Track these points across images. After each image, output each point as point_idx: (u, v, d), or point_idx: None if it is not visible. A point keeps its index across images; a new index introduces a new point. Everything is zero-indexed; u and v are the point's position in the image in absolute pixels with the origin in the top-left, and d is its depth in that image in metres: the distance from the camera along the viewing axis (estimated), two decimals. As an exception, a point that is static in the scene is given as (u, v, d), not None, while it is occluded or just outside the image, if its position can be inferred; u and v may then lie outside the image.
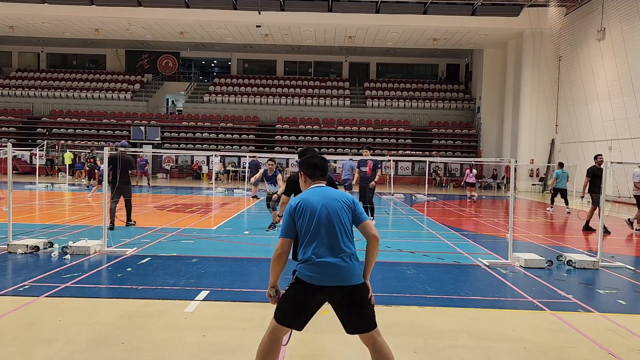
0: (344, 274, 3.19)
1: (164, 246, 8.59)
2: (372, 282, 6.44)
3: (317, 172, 3.48)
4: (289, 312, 3.22)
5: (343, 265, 3.19)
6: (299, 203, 3.28)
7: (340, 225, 3.27)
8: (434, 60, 40.15)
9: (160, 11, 28.81)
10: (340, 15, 28.63)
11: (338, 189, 5.41)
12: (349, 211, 3.34)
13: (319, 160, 3.52)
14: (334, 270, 3.17)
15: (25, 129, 35.34)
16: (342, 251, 3.22)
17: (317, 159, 3.53)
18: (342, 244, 3.24)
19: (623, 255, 9.03)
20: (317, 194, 3.34)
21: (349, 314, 3.26)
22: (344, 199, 3.36)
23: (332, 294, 3.20)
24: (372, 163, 11.59)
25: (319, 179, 3.48)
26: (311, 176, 3.49)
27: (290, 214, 3.28)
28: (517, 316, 5.36)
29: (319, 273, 3.15)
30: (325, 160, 3.57)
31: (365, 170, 11.68)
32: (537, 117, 28.72)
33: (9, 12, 28.71)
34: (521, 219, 14.77)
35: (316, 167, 3.49)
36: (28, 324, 4.62)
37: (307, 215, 3.24)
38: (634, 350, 4.39)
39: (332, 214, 3.26)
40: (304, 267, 3.20)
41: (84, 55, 41.36)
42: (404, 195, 22.59)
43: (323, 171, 3.50)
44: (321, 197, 3.31)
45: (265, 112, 37.45)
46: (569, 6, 26.63)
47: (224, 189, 22.33)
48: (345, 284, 3.18)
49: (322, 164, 3.51)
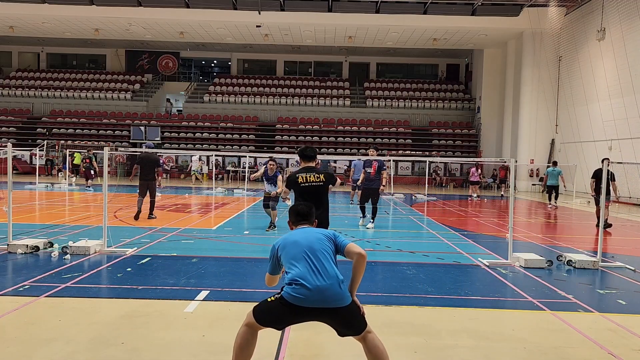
0: (331, 297, 3.28)
1: (164, 246, 8.59)
2: (372, 282, 6.50)
3: (299, 219, 3.75)
4: (269, 320, 3.39)
5: (330, 289, 3.28)
6: (281, 243, 3.52)
7: (324, 251, 3.43)
8: (434, 60, 40.15)
9: (160, 11, 28.81)
10: (340, 15, 28.62)
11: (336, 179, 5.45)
12: (330, 242, 3.52)
13: (302, 208, 3.78)
14: (317, 293, 3.25)
15: (25, 129, 35.34)
16: (324, 276, 3.31)
17: (301, 206, 3.80)
18: (328, 268, 3.35)
19: (623, 255, 9.03)
20: (299, 231, 3.61)
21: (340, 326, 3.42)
22: (324, 233, 3.57)
23: (318, 315, 3.32)
24: (377, 164, 11.54)
25: (302, 223, 3.74)
26: (294, 222, 3.77)
27: (272, 253, 3.56)
28: (517, 316, 5.36)
29: (302, 295, 3.25)
30: (310, 207, 3.82)
31: (370, 171, 11.62)
32: (537, 117, 28.72)
33: (9, 12, 28.70)
34: (521, 219, 14.77)
35: (298, 214, 3.76)
36: (28, 324, 4.62)
37: (288, 248, 3.45)
38: (634, 350, 4.39)
39: (316, 241, 3.46)
40: (289, 288, 3.31)
41: (84, 55, 41.36)
42: (404, 195, 22.59)
43: (306, 217, 3.76)
44: (303, 233, 3.57)
45: (265, 112, 37.45)
46: (569, 6, 26.62)
47: (224, 189, 22.32)
48: (328, 306, 3.28)
49: (306, 211, 3.77)
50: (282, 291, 3.35)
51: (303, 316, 3.33)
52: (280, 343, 4.33)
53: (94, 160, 20.64)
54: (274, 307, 3.34)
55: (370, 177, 11.57)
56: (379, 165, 11.54)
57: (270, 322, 3.38)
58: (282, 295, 3.32)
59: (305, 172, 5.43)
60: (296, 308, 3.26)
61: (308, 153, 5.53)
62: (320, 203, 5.32)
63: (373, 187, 11.58)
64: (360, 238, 10.15)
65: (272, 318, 3.36)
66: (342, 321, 3.35)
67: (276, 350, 4.19)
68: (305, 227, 3.67)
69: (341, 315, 3.32)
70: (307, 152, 5.52)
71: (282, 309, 3.31)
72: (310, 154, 5.53)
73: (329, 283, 3.27)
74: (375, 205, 11.67)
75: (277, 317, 3.35)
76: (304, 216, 3.75)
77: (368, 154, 12.09)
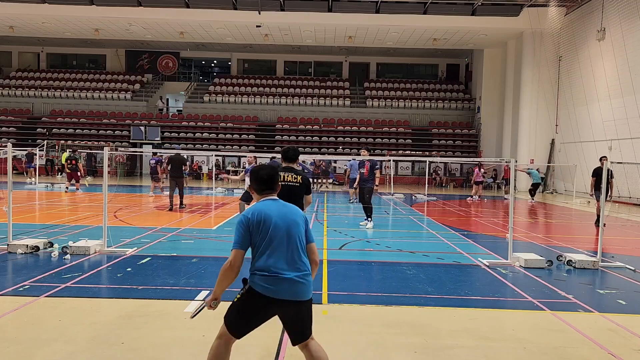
0: (301, 290, 3.18)
1: (164, 246, 8.59)
2: (372, 282, 6.51)
3: (263, 187, 3.39)
4: (238, 321, 3.21)
5: (301, 282, 3.18)
6: (254, 214, 3.20)
7: (298, 239, 3.25)
8: (434, 60, 40.15)
9: (160, 11, 28.81)
10: (340, 15, 28.62)
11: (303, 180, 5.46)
12: (302, 228, 3.32)
13: (265, 174, 3.41)
14: (292, 285, 3.15)
15: (25, 129, 35.34)
16: (300, 266, 3.20)
17: (264, 172, 3.42)
18: (298, 259, 3.21)
19: (623, 255, 9.03)
20: (273, 206, 3.29)
21: (296, 327, 3.27)
22: (299, 216, 3.34)
23: (286, 307, 3.18)
24: (369, 164, 11.59)
25: (266, 192, 3.39)
26: (258, 191, 3.41)
27: (244, 224, 3.18)
28: (517, 316, 5.36)
29: (275, 286, 3.12)
30: (275, 171, 3.50)
31: (362, 172, 11.70)
32: (537, 117, 28.72)
33: (9, 12, 28.70)
34: (521, 219, 14.77)
35: (262, 182, 3.39)
36: (28, 324, 4.62)
37: (264, 227, 3.17)
38: (634, 350, 4.39)
39: (293, 226, 3.24)
40: (259, 278, 3.14)
41: (84, 55, 41.35)
42: (404, 195, 22.59)
43: (272, 185, 3.41)
44: (278, 210, 3.26)
45: (265, 112, 37.45)
46: (569, 6, 26.63)
47: (224, 189, 22.32)
48: (299, 299, 3.19)
49: (271, 178, 3.41)
50: (248, 283, 3.20)
51: (271, 309, 3.19)
52: (280, 343, 4.33)
53: (79, 161, 19.57)
54: (244, 305, 3.17)
55: (364, 177, 11.65)
56: (371, 165, 11.61)
57: (244, 324, 3.21)
58: (251, 287, 3.16)
59: (283, 171, 5.45)
60: (266, 300, 3.12)
61: (290, 155, 5.61)
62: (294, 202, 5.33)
63: (367, 186, 11.65)
64: (360, 238, 10.16)
65: (245, 318, 3.19)
66: (303, 317, 3.24)
67: (276, 350, 4.19)
68: (276, 200, 3.35)
69: (305, 308, 3.23)
70: (289, 153, 5.60)
71: (253, 303, 3.15)
72: (291, 155, 5.61)
73: (302, 274, 3.18)
74: (369, 204, 11.67)
75: (250, 315, 3.18)
76: (269, 184, 3.39)
77: (360, 155, 12.18)
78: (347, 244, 9.49)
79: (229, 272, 3.13)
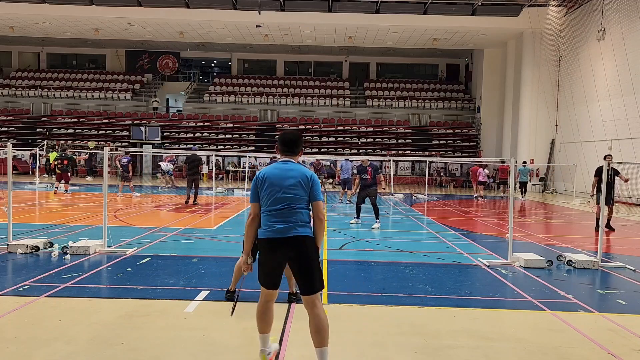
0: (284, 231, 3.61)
1: (164, 246, 8.59)
2: (372, 282, 6.50)
3: (284, 149, 3.84)
4: (265, 272, 3.70)
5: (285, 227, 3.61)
6: (263, 175, 3.72)
7: (293, 199, 3.63)
8: (434, 60, 40.16)
9: (160, 11, 28.82)
10: (340, 15, 28.63)
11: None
12: (303, 189, 3.67)
13: (287, 136, 3.88)
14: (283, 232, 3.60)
15: (25, 129, 35.35)
16: (296, 221, 3.62)
17: (287, 135, 3.88)
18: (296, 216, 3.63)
19: (623, 255, 9.04)
20: (279, 169, 3.72)
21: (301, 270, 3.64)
22: (302, 177, 3.68)
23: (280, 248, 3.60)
24: (372, 170, 11.54)
25: (287, 154, 3.83)
26: (281, 151, 3.86)
27: (255, 183, 3.75)
28: (517, 316, 5.35)
29: (274, 232, 3.61)
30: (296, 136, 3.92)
31: (366, 178, 11.63)
32: (537, 117, 28.72)
33: (9, 12, 28.71)
34: (521, 219, 14.77)
35: (284, 143, 3.84)
36: (28, 324, 4.62)
37: (267, 188, 3.66)
38: (634, 350, 4.39)
39: (287, 188, 3.63)
40: (262, 231, 3.68)
41: (84, 55, 41.36)
42: (404, 195, 22.59)
43: (291, 147, 3.83)
44: (281, 173, 3.69)
45: (265, 112, 37.46)
46: (569, 6, 26.63)
47: (224, 189, 22.32)
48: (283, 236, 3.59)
49: (291, 140, 3.85)
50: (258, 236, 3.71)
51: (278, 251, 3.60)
52: (280, 343, 4.33)
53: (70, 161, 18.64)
54: (260, 257, 3.69)
55: (367, 183, 11.58)
56: (373, 170, 11.54)
57: (267, 273, 3.68)
58: (259, 237, 3.68)
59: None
60: (271, 242, 3.60)
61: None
62: None
63: (372, 189, 11.62)
64: (360, 238, 10.16)
65: (265, 268, 3.67)
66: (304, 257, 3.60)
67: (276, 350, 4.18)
68: (288, 163, 3.77)
69: (306, 246, 3.61)
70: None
71: (264, 250, 3.64)
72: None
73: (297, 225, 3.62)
74: (375, 205, 11.71)
75: (266, 262, 3.65)
76: (289, 146, 3.84)
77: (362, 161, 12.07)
78: (347, 244, 9.49)
79: (252, 222, 3.75)
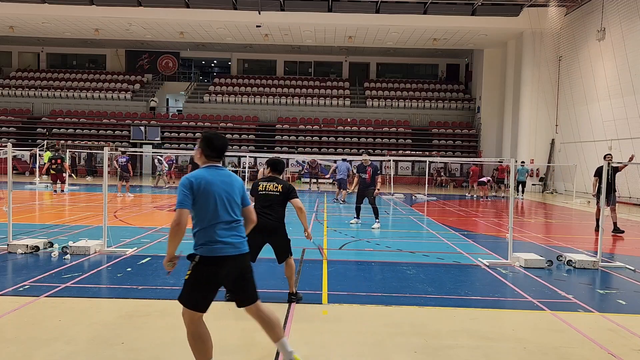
0: (239, 246, 3.49)
1: (164, 246, 8.56)
2: (372, 282, 6.51)
3: (214, 154, 3.59)
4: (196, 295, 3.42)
5: (239, 241, 3.50)
6: (198, 180, 3.41)
7: (236, 207, 3.54)
8: (434, 60, 40.15)
9: (160, 11, 28.81)
10: (340, 15, 28.62)
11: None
12: (239, 194, 3.59)
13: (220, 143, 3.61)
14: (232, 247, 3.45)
15: (25, 129, 35.33)
16: (238, 231, 3.52)
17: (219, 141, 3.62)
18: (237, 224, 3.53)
19: (623, 255, 9.04)
20: (215, 174, 3.50)
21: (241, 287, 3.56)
22: (237, 183, 3.60)
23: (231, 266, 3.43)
24: (371, 170, 11.52)
25: (215, 160, 3.60)
26: (208, 156, 3.58)
27: (189, 188, 3.39)
28: (517, 316, 5.36)
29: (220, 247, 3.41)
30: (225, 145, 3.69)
31: (365, 177, 11.62)
32: (537, 117, 28.71)
33: (9, 12, 28.70)
34: (521, 219, 14.77)
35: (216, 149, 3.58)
36: (28, 324, 4.62)
37: (207, 195, 3.40)
38: (634, 350, 4.39)
39: (232, 196, 3.51)
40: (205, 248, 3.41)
41: (84, 55, 41.35)
42: (404, 195, 22.59)
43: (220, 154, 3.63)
44: (219, 179, 3.49)
45: (265, 112, 37.45)
46: (569, 6, 26.62)
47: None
48: (239, 253, 3.48)
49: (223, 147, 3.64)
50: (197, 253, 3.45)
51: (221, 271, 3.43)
52: (280, 343, 4.32)
53: (65, 161, 18.34)
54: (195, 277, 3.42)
55: (366, 182, 11.56)
56: (372, 170, 11.51)
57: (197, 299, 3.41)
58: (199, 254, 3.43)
59: (267, 180, 5.51)
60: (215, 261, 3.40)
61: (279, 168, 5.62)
62: (273, 212, 5.37)
63: (370, 189, 11.61)
64: (360, 238, 10.16)
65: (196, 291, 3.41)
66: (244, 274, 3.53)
67: (276, 351, 4.18)
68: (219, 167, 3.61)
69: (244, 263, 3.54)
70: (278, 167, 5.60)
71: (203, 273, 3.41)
72: (280, 168, 5.63)
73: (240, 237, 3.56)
74: (374, 205, 11.70)
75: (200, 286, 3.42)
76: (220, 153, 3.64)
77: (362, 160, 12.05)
78: (347, 244, 9.49)
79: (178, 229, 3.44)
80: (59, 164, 17.82)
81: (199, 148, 3.59)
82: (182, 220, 3.36)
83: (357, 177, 11.96)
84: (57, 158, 17.91)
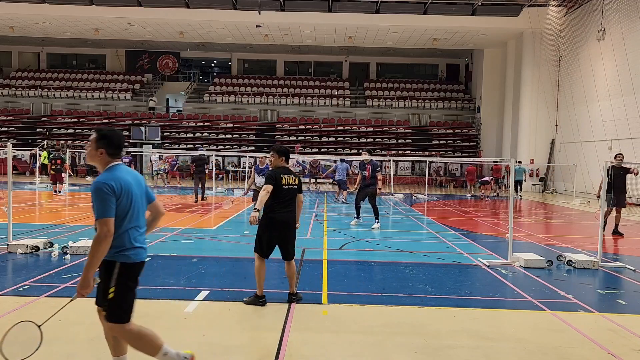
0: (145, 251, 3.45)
1: (164, 246, 8.59)
2: (372, 282, 6.51)
3: (118, 151, 3.35)
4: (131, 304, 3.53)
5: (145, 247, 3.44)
6: (120, 184, 3.17)
7: (144, 206, 3.45)
8: (434, 60, 40.16)
9: (160, 11, 28.81)
10: (340, 15, 28.63)
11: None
12: (145, 193, 3.46)
13: (119, 138, 3.37)
14: (145, 252, 3.43)
15: (25, 129, 35.34)
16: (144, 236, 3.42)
17: (117, 135, 3.36)
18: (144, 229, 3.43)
19: (623, 255, 9.04)
20: (128, 173, 3.31)
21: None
22: (142, 180, 3.47)
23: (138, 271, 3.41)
24: (370, 167, 11.50)
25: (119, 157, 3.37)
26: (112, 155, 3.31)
27: (112, 193, 3.10)
28: (517, 316, 5.36)
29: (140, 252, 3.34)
30: (123, 139, 3.50)
31: (365, 174, 11.60)
32: (537, 117, 28.72)
33: (9, 12, 28.71)
34: (521, 219, 14.77)
35: (119, 146, 3.35)
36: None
37: (128, 197, 3.21)
38: (634, 350, 4.39)
39: (142, 195, 3.39)
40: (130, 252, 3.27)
41: (84, 55, 41.36)
42: (404, 195, 22.59)
43: (121, 149, 3.41)
44: (132, 178, 3.31)
45: (265, 112, 37.46)
46: (569, 6, 26.63)
47: (224, 189, 22.32)
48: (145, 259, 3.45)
49: (122, 142, 3.42)
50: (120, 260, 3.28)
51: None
52: (280, 343, 4.33)
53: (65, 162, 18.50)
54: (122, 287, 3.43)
55: (366, 180, 11.55)
56: (372, 168, 11.48)
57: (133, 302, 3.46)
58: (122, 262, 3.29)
59: (285, 173, 5.37)
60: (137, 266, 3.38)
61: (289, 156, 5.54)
62: (291, 206, 5.37)
63: (370, 188, 11.58)
64: (360, 238, 10.16)
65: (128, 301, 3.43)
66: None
67: (276, 350, 4.19)
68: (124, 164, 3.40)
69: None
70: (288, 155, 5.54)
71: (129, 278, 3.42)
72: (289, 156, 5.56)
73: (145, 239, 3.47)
74: (374, 205, 11.68)
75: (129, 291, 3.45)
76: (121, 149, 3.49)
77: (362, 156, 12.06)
78: (347, 244, 9.49)
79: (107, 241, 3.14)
80: (58, 164, 17.98)
81: (98, 147, 3.27)
82: (111, 230, 3.10)
83: (359, 175, 11.93)
84: (57, 158, 18.03)
